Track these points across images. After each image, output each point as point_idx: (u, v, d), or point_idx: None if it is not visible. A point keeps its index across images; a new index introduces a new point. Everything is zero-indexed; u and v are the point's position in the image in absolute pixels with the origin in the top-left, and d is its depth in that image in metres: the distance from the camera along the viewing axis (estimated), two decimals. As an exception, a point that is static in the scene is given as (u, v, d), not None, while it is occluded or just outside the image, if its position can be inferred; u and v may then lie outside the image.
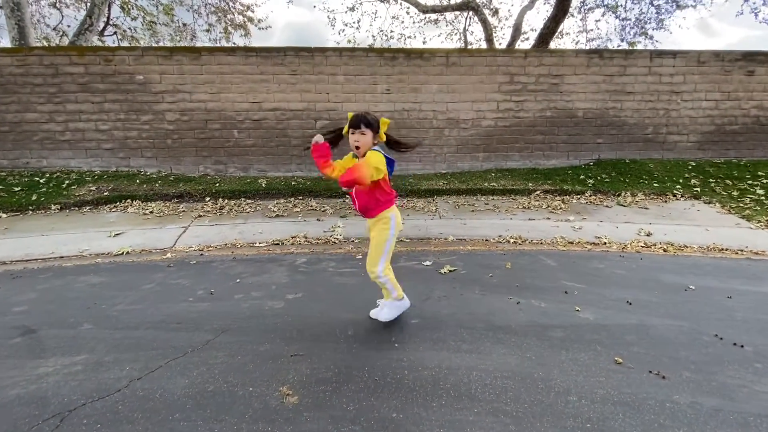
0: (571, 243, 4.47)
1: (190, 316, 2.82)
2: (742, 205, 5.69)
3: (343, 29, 20.57)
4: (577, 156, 7.49)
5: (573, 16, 12.75)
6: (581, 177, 6.83)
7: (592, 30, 17.29)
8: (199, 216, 5.50)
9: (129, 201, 6.00)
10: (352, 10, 13.47)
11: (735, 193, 6.14)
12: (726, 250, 4.31)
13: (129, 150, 7.02)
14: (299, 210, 5.73)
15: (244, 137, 7.11)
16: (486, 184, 6.60)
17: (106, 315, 2.86)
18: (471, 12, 13.21)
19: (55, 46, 11.05)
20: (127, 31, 12.90)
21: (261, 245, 4.48)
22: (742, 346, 2.42)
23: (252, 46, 8.35)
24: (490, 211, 5.65)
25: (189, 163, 7.12)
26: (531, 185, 6.53)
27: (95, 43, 10.90)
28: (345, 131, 2.39)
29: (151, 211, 5.66)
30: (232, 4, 13.10)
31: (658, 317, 2.76)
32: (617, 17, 12.31)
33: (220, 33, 13.32)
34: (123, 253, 4.30)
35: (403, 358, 2.29)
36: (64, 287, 3.39)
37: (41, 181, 6.44)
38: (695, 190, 6.30)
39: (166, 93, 6.88)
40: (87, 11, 9.56)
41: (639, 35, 12.46)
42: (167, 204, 5.97)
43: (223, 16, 13.14)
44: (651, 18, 12.09)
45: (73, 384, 2.09)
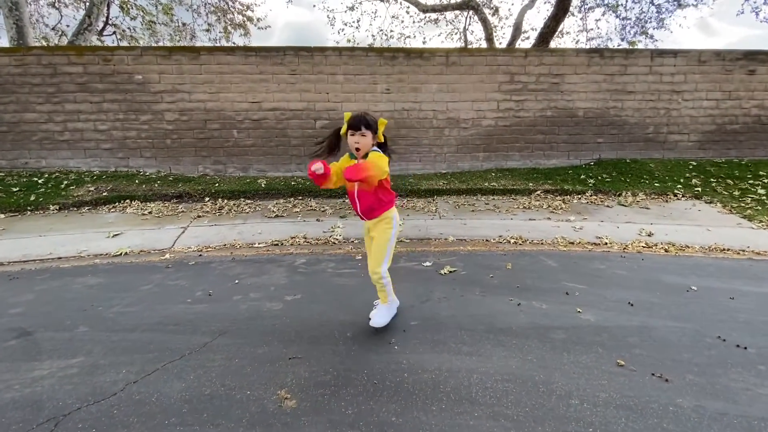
0: (572, 243, 4.45)
1: (187, 317, 2.80)
2: (743, 205, 5.66)
3: (343, 28, 20.50)
4: (578, 156, 7.47)
5: (573, 15, 12.74)
6: (582, 177, 6.80)
7: (592, 29, 17.29)
8: (198, 216, 5.48)
9: (128, 201, 5.97)
10: (351, 9, 13.45)
11: (736, 193, 6.11)
12: (728, 250, 4.28)
13: (128, 150, 6.99)
14: (299, 210, 5.71)
15: (243, 137, 7.08)
16: (486, 184, 6.58)
17: (102, 317, 2.83)
18: (471, 11, 13.18)
19: (54, 45, 11.03)
20: (127, 31, 12.87)
21: (260, 246, 4.46)
22: (745, 348, 2.39)
23: (251, 45, 8.33)
24: (490, 211, 5.62)
25: (188, 163, 7.10)
26: (531, 185, 6.50)
27: (94, 43, 10.87)
28: (343, 132, 2.36)
29: (150, 212, 5.64)
30: (231, 3, 13.07)
31: (660, 319, 2.73)
32: (617, 16, 12.29)
33: (219, 33, 13.29)
34: (121, 254, 4.28)
35: (403, 360, 2.26)
36: (61, 288, 3.37)
37: (40, 182, 6.42)
38: (696, 189, 6.28)
39: (165, 93, 6.85)
40: (86, 11, 9.53)
41: (639, 34, 12.44)
42: (166, 204, 5.95)
43: (223, 15, 13.11)
44: (651, 17, 12.07)
45: (68, 387, 2.06)
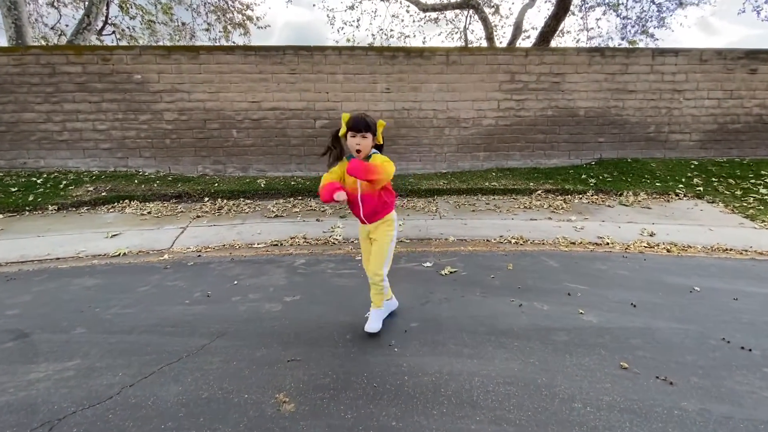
0: (573, 243, 4.42)
1: (185, 319, 2.77)
2: (745, 205, 5.63)
3: (342, 27, 20.38)
4: (579, 155, 7.43)
5: (574, 14, 12.70)
6: (583, 176, 6.77)
7: (593, 28, 17.24)
8: (198, 216, 5.45)
9: (127, 201, 5.95)
10: (351, 8, 13.42)
11: (738, 193, 6.07)
12: (730, 250, 4.25)
13: (127, 150, 6.97)
14: (298, 210, 5.68)
15: (243, 137, 7.05)
16: (487, 183, 6.54)
17: (100, 318, 2.80)
18: (471, 10, 13.13)
19: (52, 45, 11.00)
20: (126, 31, 12.83)
21: (259, 246, 4.43)
22: (750, 350, 2.36)
23: (251, 45, 8.31)
24: (491, 211, 5.59)
25: (187, 163, 7.07)
26: (532, 185, 6.47)
27: (93, 43, 10.84)
28: (342, 133, 2.31)
29: (149, 212, 5.61)
30: (231, 3, 13.04)
31: (663, 320, 2.70)
32: (618, 15, 12.26)
33: (219, 32, 13.25)
34: (120, 255, 4.25)
35: (403, 363, 2.23)
36: (58, 290, 3.34)
37: (38, 182, 6.39)
38: (698, 189, 6.24)
39: (164, 92, 6.83)
40: (85, 10, 9.50)
41: (640, 34, 12.40)
42: (165, 204, 5.92)
43: (222, 15, 13.07)
44: (652, 16, 12.03)
45: (64, 391, 2.03)
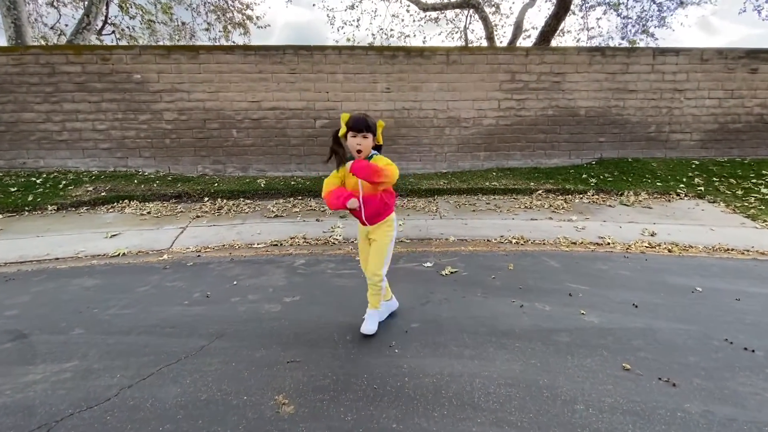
0: (574, 243, 4.40)
1: (184, 320, 2.75)
2: (746, 205, 5.61)
3: (342, 27, 20.36)
4: (579, 155, 7.42)
5: (574, 13, 12.67)
6: (583, 176, 6.75)
7: (593, 28, 17.21)
8: (197, 216, 5.43)
9: (126, 201, 5.93)
10: (351, 8, 13.38)
11: (739, 192, 6.05)
12: (732, 250, 4.23)
13: (127, 150, 6.95)
14: (298, 210, 5.66)
15: (242, 137, 7.03)
16: (487, 183, 6.53)
17: (98, 319, 2.79)
18: (472, 10, 13.11)
19: (52, 45, 10.98)
20: (126, 30, 12.81)
21: (259, 246, 4.41)
22: (753, 350, 2.34)
23: (250, 44, 8.28)
24: (491, 211, 5.57)
25: (187, 163, 7.05)
26: (533, 185, 6.45)
27: (93, 42, 10.82)
28: (341, 133, 2.28)
29: (149, 212, 5.60)
30: (231, 2, 13.01)
31: (665, 321, 2.68)
32: (619, 15, 12.23)
33: (219, 32, 13.23)
34: (119, 255, 4.24)
35: (404, 364, 2.22)
36: (57, 290, 3.32)
37: (38, 182, 6.38)
38: (699, 189, 6.22)
39: (164, 92, 6.81)
40: (84, 10, 9.48)
41: (641, 33, 12.37)
42: (165, 204, 5.90)
43: (222, 14, 13.05)
44: (653, 15, 12.01)
45: (62, 392, 2.02)
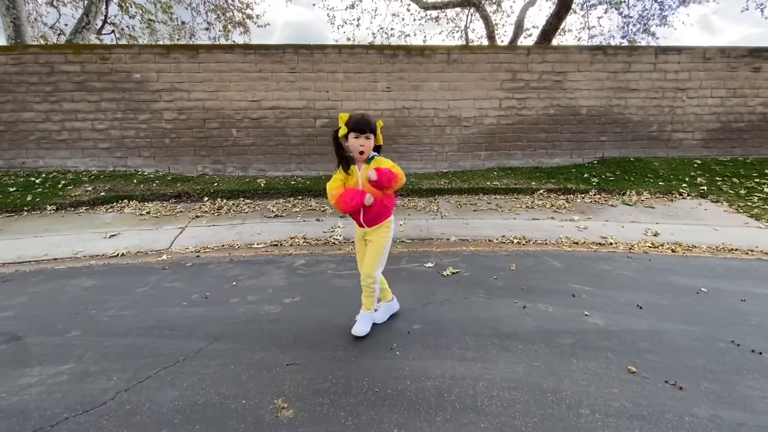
0: (577, 243, 4.36)
1: (183, 321, 2.72)
2: (750, 204, 5.57)
3: (343, 26, 20.36)
4: (581, 154, 7.38)
5: (575, 12, 12.62)
6: (585, 175, 6.71)
7: (594, 27, 17.15)
8: (197, 216, 5.40)
9: (126, 201, 5.90)
10: (352, 7, 13.33)
11: (742, 192, 6.01)
12: (736, 250, 4.19)
13: (126, 149, 6.92)
14: (298, 210, 5.63)
15: (242, 136, 7.00)
16: (488, 183, 6.49)
17: (96, 321, 2.75)
18: (472, 8, 13.06)
19: (51, 44, 10.95)
20: (126, 30, 12.77)
21: (259, 246, 4.38)
22: (760, 353, 2.30)
23: (250, 43, 8.24)
24: (492, 211, 5.54)
25: (187, 163, 7.02)
26: (534, 184, 6.41)
27: (93, 42, 10.78)
28: (341, 134, 2.25)
29: (148, 212, 5.56)
30: (231, 1, 12.97)
31: (670, 322, 2.64)
32: (620, 14, 12.19)
33: (219, 31, 13.18)
34: (118, 255, 4.20)
35: (405, 367, 2.18)
36: (55, 291, 3.29)
37: (37, 182, 6.35)
38: (702, 188, 6.18)
39: (163, 91, 6.78)
40: (84, 9, 9.45)
41: (642, 32, 12.33)
42: (164, 204, 5.87)
43: (222, 14, 13.01)
44: (654, 14, 11.96)
45: (57, 396, 1.98)
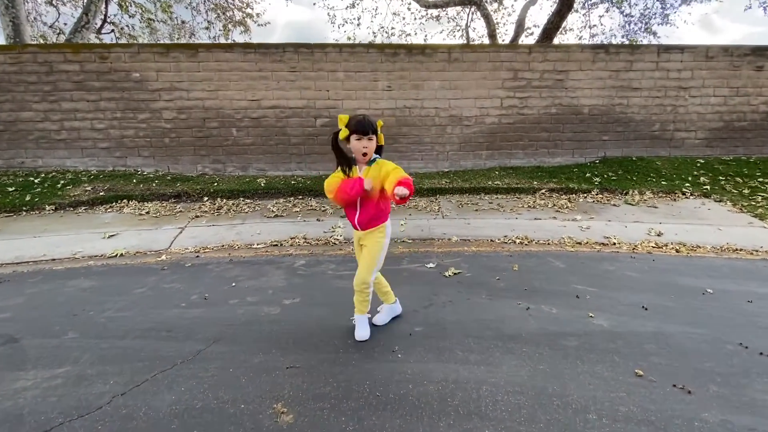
0: (580, 243, 4.32)
1: (181, 323, 2.68)
2: (754, 204, 5.52)
3: (343, 25, 20.32)
4: (583, 153, 7.33)
5: (577, 11, 12.56)
6: (587, 175, 6.67)
7: (595, 26, 17.09)
8: (197, 216, 5.36)
9: (125, 201, 5.86)
10: (352, 6, 13.28)
11: (746, 191, 5.97)
12: (740, 250, 4.15)
13: (126, 149, 6.88)
14: (299, 210, 5.59)
15: (242, 136, 6.96)
16: (490, 182, 6.45)
17: (93, 322, 2.72)
18: (473, 7, 13.00)
19: (50, 43, 10.91)
20: (125, 29, 12.73)
21: (259, 246, 4.34)
22: (768, 355, 2.27)
23: (250, 42, 8.19)
24: (494, 211, 5.49)
25: (187, 163, 6.98)
26: (536, 184, 6.37)
27: (92, 41, 10.74)
28: (342, 136, 2.21)
29: (148, 212, 5.53)
30: (231, 0, 12.92)
31: (676, 324, 2.60)
32: (621, 13, 12.13)
33: (219, 31, 13.13)
34: (116, 255, 4.17)
35: (407, 370, 2.14)
36: (52, 292, 3.26)
37: (36, 181, 6.31)
38: (705, 188, 6.13)
39: (163, 91, 6.74)
40: (83, 8, 9.41)
41: (643, 31, 12.27)
42: (164, 204, 5.83)
43: (222, 13, 12.96)
44: (656, 13, 11.90)
45: (52, 400, 1.94)
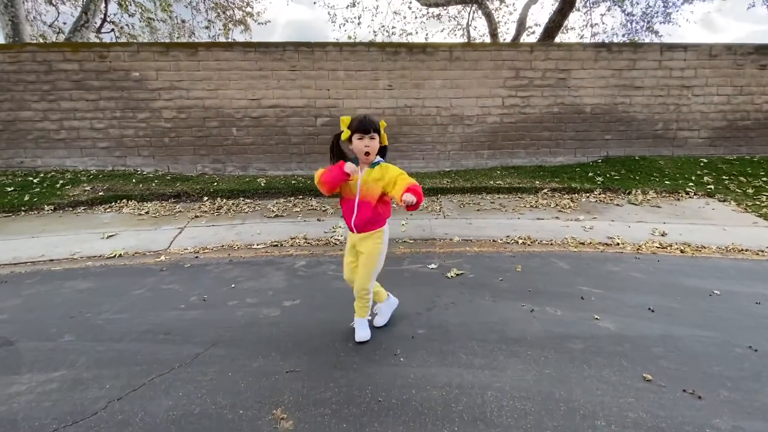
0: (583, 244, 4.27)
1: (179, 325, 2.64)
2: (758, 204, 5.47)
3: (344, 24, 20.29)
4: (585, 153, 7.28)
5: (578, 10, 12.51)
6: (590, 174, 6.62)
7: (597, 24, 17.02)
8: (196, 216, 5.32)
9: (124, 201, 5.82)
10: (353, 5, 13.24)
11: (750, 191, 5.91)
12: (746, 250, 4.10)
13: (125, 149, 6.84)
14: (299, 210, 5.55)
15: (242, 135, 6.92)
16: (491, 182, 6.40)
17: (90, 324, 2.67)
18: (475, 6, 12.94)
19: (49, 42, 10.87)
20: (125, 28, 12.68)
21: (259, 247, 4.30)
22: (779, 359, 2.22)
23: (250, 41, 8.15)
24: (496, 210, 5.45)
25: (186, 162, 6.94)
26: (538, 183, 6.32)
27: (92, 40, 10.70)
28: (345, 137, 2.18)
29: (147, 212, 5.49)
30: None
31: (684, 326, 2.55)
32: (623, 11, 12.07)
33: (219, 30, 13.08)
34: (115, 256, 4.12)
35: (410, 374, 2.09)
36: (49, 293, 3.21)
37: (35, 181, 6.27)
38: (709, 187, 6.08)
39: (162, 90, 6.69)
40: (83, 7, 9.37)
41: (645, 30, 12.22)
42: (163, 204, 5.79)
43: (222, 12, 12.92)
44: (658, 11, 11.85)
45: (47, 405, 1.90)
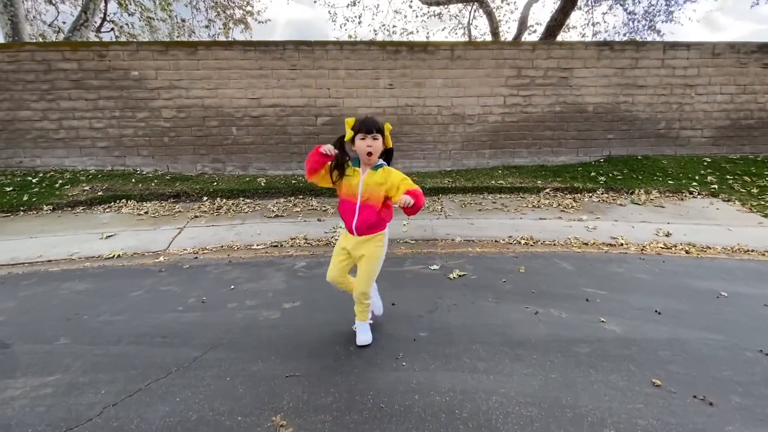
0: (586, 244, 4.22)
1: (177, 328, 2.59)
2: (763, 203, 5.41)
3: (344, 23, 20.23)
4: (587, 152, 7.23)
5: (580, 8, 12.45)
6: (592, 174, 6.57)
7: (598, 23, 16.96)
8: (196, 216, 5.28)
9: (123, 201, 5.78)
10: (353, 4, 13.20)
11: (754, 191, 5.86)
12: (752, 251, 4.04)
13: (124, 148, 6.80)
14: (299, 210, 5.50)
15: (242, 134, 6.87)
16: (493, 181, 6.35)
17: (87, 327, 2.63)
18: (476, 4, 12.89)
19: (48, 41, 10.83)
20: (125, 28, 12.64)
21: (258, 247, 4.25)
22: (789, 363, 2.17)
23: (250, 40, 8.11)
24: (498, 210, 5.40)
25: (186, 162, 6.90)
26: (540, 183, 6.27)
27: (91, 40, 10.66)
28: (348, 138, 2.16)
29: (146, 212, 5.44)
30: (231, -1, 12.84)
31: (692, 329, 2.50)
32: (625, 10, 12.01)
33: (219, 29, 13.04)
34: (114, 257, 4.08)
35: (413, 379, 2.05)
36: (46, 294, 3.17)
37: (33, 181, 6.23)
38: (712, 187, 6.02)
39: (162, 89, 6.65)
40: (82, 6, 9.33)
41: (647, 29, 12.15)
42: (163, 204, 5.75)
43: (223, 11, 12.87)
44: (660, 10, 11.78)
45: (41, 410, 1.86)
